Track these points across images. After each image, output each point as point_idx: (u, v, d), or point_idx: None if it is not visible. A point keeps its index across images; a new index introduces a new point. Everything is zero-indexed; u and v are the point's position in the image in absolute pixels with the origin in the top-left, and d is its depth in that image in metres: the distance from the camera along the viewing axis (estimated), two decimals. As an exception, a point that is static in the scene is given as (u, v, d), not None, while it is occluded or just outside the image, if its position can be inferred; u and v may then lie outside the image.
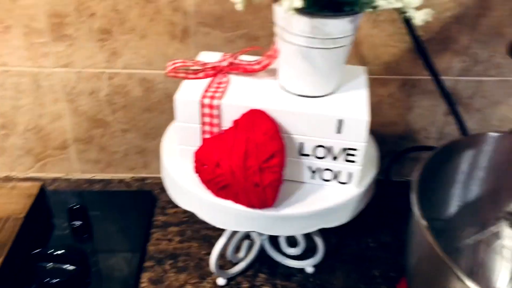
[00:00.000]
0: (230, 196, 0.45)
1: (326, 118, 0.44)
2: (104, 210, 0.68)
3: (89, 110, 0.69)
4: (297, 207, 0.46)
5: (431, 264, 0.37)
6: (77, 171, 0.75)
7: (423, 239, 0.38)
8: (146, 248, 0.64)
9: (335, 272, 0.62)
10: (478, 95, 0.70)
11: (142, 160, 0.74)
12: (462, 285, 0.33)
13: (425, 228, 0.37)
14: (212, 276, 0.61)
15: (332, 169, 0.47)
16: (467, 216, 0.49)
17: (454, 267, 0.34)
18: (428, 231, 0.36)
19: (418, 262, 0.41)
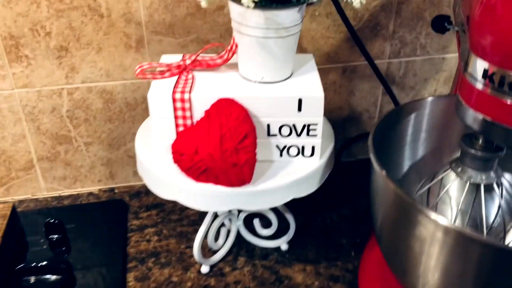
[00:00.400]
0: (210, 179, 0.49)
1: (288, 99, 0.50)
2: (79, 222, 0.70)
3: (51, 127, 0.71)
4: (271, 181, 0.51)
5: (396, 209, 0.44)
6: (44, 190, 0.76)
7: (386, 188, 0.44)
8: (126, 251, 0.67)
9: (307, 246, 0.67)
10: (410, 74, 0.79)
11: (108, 171, 0.77)
12: (427, 220, 0.39)
13: (386, 177, 0.43)
14: (195, 266, 0.64)
15: (297, 145, 0.53)
16: (417, 173, 0.56)
17: (417, 204, 0.40)
18: (389, 178, 0.43)
19: (384, 213, 0.47)
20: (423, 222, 0.40)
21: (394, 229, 0.47)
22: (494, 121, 0.40)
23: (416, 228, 0.41)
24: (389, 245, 0.48)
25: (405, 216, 0.42)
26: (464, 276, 0.40)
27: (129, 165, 0.77)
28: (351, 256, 0.66)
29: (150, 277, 0.63)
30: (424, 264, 0.43)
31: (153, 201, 0.75)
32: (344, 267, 0.64)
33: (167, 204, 0.75)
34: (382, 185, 0.44)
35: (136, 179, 0.78)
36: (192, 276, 0.63)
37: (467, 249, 0.38)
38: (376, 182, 0.46)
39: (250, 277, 0.63)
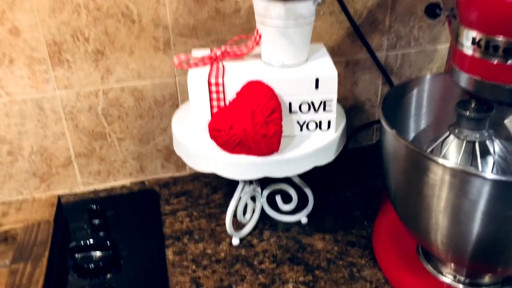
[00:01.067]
0: (244, 150, 0.57)
1: (306, 79, 0.58)
2: (117, 210, 0.77)
3: (88, 125, 0.79)
4: (296, 151, 0.59)
5: (407, 162, 0.51)
6: (80, 184, 0.84)
7: (397, 145, 0.52)
8: (162, 231, 0.74)
9: (324, 219, 0.75)
10: (406, 65, 0.88)
11: (139, 165, 0.84)
12: (435, 165, 0.47)
13: (396, 134, 0.51)
14: (226, 240, 0.72)
15: (315, 120, 0.61)
16: (420, 143, 0.64)
17: (425, 152, 0.48)
18: (399, 135, 0.51)
19: (396, 169, 0.55)
20: (432, 168, 0.48)
21: (406, 180, 0.54)
22: (484, 80, 0.48)
23: (426, 174, 0.49)
24: (403, 197, 0.55)
25: (416, 166, 0.50)
26: (471, 214, 0.48)
27: (158, 158, 0.84)
28: (365, 225, 0.73)
29: (187, 251, 0.70)
30: (435, 208, 0.50)
31: (181, 189, 0.83)
32: (359, 234, 0.72)
33: (193, 191, 0.82)
34: (393, 143, 0.52)
35: (163, 171, 0.86)
36: (225, 248, 0.70)
37: (472, 186, 0.46)
38: (387, 142, 0.54)
39: (276, 246, 0.70)
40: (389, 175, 0.57)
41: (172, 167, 0.86)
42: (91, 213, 0.74)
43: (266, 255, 0.68)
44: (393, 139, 0.52)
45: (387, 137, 0.54)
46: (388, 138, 0.54)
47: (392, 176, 0.56)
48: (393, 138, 0.52)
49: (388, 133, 0.53)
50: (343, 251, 0.69)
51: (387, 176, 0.58)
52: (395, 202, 0.58)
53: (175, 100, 0.80)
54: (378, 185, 0.82)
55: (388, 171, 0.57)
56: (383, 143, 0.56)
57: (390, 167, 0.56)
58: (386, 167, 0.57)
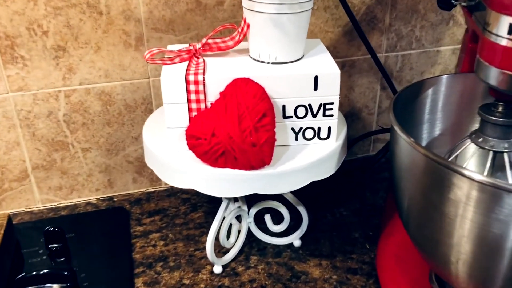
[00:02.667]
0: (228, 163, 0.48)
1: (303, 77, 0.49)
2: (79, 231, 0.67)
3: (47, 133, 0.68)
4: (291, 163, 0.49)
5: (426, 175, 0.42)
6: (39, 201, 0.73)
7: (414, 155, 0.43)
8: (132, 256, 0.63)
9: (319, 241, 0.65)
10: (407, 68, 0.79)
11: (106, 179, 0.74)
12: (462, 180, 0.38)
13: (414, 143, 0.42)
14: (206, 267, 0.61)
15: (313, 127, 0.52)
16: (436, 148, 0.55)
17: (450, 163, 0.39)
18: (417, 144, 0.42)
19: (412, 184, 0.45)
20: (456, 182, 0.39)
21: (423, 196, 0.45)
22: (521, 77, 0.39)
23: (449, 189, 0.40)
24: (418, 217, 0.46)
25: (436, 180, 0.41)
26: (502, 239, 0.39)
27: (128, 171, 0.74)
28: (366, 248, 0.64)
29: (160, 281, 0.59)
30: (458, 230, 0.41)
31: (155, 207, 0.73)
32: (360, 259, 0.62)
33: (169, 209, 0.72)
34: (408, 153, 0.43)
35: (135, 187, 0.76)
36: (205, 277, 0.60)
37: (505, 204, 0.37)
38: (401, 151, 0.45)
39: (265, 275, 0.60)
40: (401, 191, 0.48)
41: (145, 182, 0.75)
42: (48, 236, 0.63)
43: (253, 286, 0.58)
44: (409, 148, 0.43)
45: (401, 146, 0.44)
46: (402, 147, 0.44)
47: (406, 191, 0.47)
48: (408, 147, 0.43)
49: (402, 141, 0.44)
50: (343, 280, 0.59)
51: (398, 191, 0.48)
52: (408, 222, 0.49)
53: (149, 104, 0.70)
54: (378, 201, 0.73)
55: (400, 186, 0.48)
56: (395, 153, 0.47)
57: (403, 182, 0.47)
58: (398, 181, 0.48)
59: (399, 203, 0.50)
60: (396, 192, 0.49)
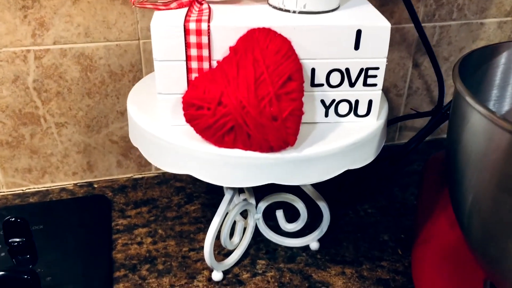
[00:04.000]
0: (239, 141, 0.35)
1: (342, 30, 0.36)
2: (48, 223, 0.55)
3: (13, 102, 0.56)
4: (320, 146, 0.37)
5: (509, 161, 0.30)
6: (3, 185, 0.60)
7: (493, 132, 0.31)
8: (111, 256, 0.51)
9: (341, 244, 0.54)
10: (444, 42, 0.67)
11: (85, 161, 0.62)
12: None
13: (495, 116, 0.30)
14: (202, 273, 0.50)
15: (350, 99, 0.39)
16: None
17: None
18: (504, 118, 0.30)
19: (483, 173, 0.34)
20: None
21: (503, 188, 0.33)
22: None
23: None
24: (488, 215, 0.34)
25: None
26: None
27: (112, 153, 0.62)
28: (398, 255, 0.52)
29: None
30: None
31: (143, 196, 0.60)
32: (392, 268, 0.51)
33: (160, 199, 0.60)
34: (486, 131, 0.31)
35: (120, 171, 0.63)
36: (201, 285, 0.48)
37: None
38: (472, 130, 0.33)
39: (275, 284, 0.48)
40: (466, 181, 0.36)
41: (132, 166, 0.63)
42: (9, 228, 0.50)
43: (261, 298, 0.47)
44: (487, 124, 0.31)
45: (474, 123, 0.32)
46: (475, 124, 0.32)
47: (474, 181, 0.35)
48: (486, 124, 0.31)
49: (475, 117, 0.32)
50: (372, 293, 0.48)
51: (461, 182, 0.37)
52: (470, 220, 0.37)
53: (138, 72, 0.58)
54: (409, 198, 0.61)
55: (466, 175, 0.36)
56: (461, 133, 0.35)
57: (471, 170, 0.35)
58: (463, 169, 0.36)
59: (459, 198, 0.38)
60: (456, 184, 0.38)
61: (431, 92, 0.70)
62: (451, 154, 0.38)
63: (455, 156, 0.37)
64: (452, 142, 0.37)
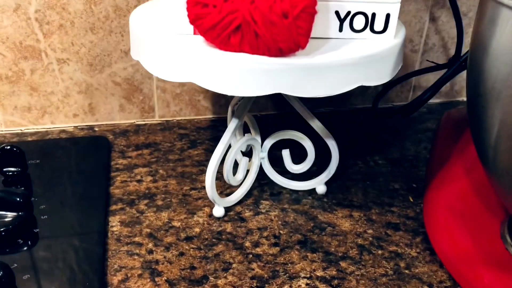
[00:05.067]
0: (245, 42, 0.33)
1: None
2: (45, 158, 0.52)
3: (13, 33, 0.54)
4: (333, 55, 0.35)
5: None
6: (1, 124, 0.58)
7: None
8: (108, 191, 0.49)
9: (349, 190, 0.51)
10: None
11: (87, 102, 0.59)
12: None
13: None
14: (203, 209, 0.47)
15: (366, 12, 0.37)
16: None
17: None
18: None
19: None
20: None
21: None
22: None
23: None
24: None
25: None
26: None
27: (114, 95, 0.60)
28: (410, 202, 0.50)
29: (142, 221, 0.45)
30: None
31: (145, 140, 0.58)
32: (403, 214, 0.48)
33: (162, 143, 0.58)
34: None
35: (122, 116, 0.61)
36: (201, 220, 0.46)
37: None
38: (502, 30, 0.30)
39: (279, 223, 0.46)
40: (492, 104, 0.33)
41: (135, 111, 0.61)
42: (4, 156, 0.48)
43: (264, 235, 0.44)
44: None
45: (503, 19, 0.30)
46: (504, 19, 0.30)
47: (502, 100, 0.32)
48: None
49: (505, 12, 0.29)
50: (381, 236, 0.45)
51: (485, 108, 0.34)
52: (496, 150, 0.34)
53: (144, 6, 0.55)
54: (421, 152, 0.59)
55: (492, 97, 0.33)
56: (488, 36, 0.32)
57: (499, 84, 0.32)
58: (489, 90, 0.33)
59: (483, 127, 0.35)
60: (481, 112, 0.35)
61: (447, 50, 0.68)
62: (473, 78, 0.35)
63: (479, 76, 0.34)
64: (475, 61, 0.34)
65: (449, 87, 0.71)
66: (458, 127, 0.55)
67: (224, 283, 0.39)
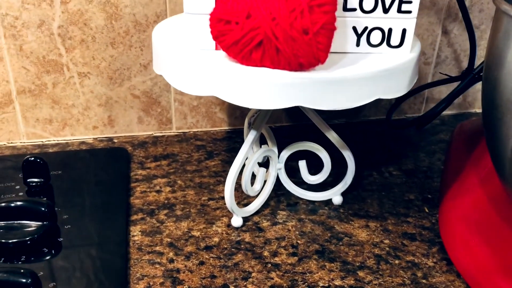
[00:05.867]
0: (267, 58, 0.34)
1: (377, -50, 0.35)
2: (67, 169, 0.54)
3: (37, 48, 0.56)
4: (351, 69, 0.36)
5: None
6: (23, 135, 0.60)
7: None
8: (129, 202, 0.50)
9: (365, 201, 0.52)
10: (476, 9, 0.65)
11: (106, 115, 0.61)
12: None
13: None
14: (222, 219, 0.48)
15: (383, 27, 0.38)
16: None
17: None
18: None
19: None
20: None
21: None
22: None
23: None
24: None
25: None
26: None
27: (133, 108, 0.61)
28: (425, 212, 0.50)
29: (163, 231, 0.46)
30: None
31: (163, 152, 0.59)
32: (418, 224, 0.49)
33: (180, 155, 0.59)
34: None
35: (140, 128, 0.63)
36: (220, 230, 0.47)
37: None
38: None
39: (296, 233, 0.47)
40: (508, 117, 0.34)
41: (153, 123, 0.63)
42: (28, 168, 0.50)
43: (282, 245, 0.45)
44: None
45: None
46: None
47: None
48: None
49: None
50: (397, 246, 0.46)
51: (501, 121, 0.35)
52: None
53: (163, 21, 0.57)
54: (435, 163, 0.59)
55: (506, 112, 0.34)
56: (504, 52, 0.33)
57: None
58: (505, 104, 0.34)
59: (499, 138, 0.36)
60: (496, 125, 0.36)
61: (460, 62, 0.69)
62: (489, 90, 0.36)
63: (495, 88, 0.35)
64: (491, 74, 0.35)
65: (461, 98, 0.71)
66: (471, 138, 0.56)
67: (244, 292, 0.40)
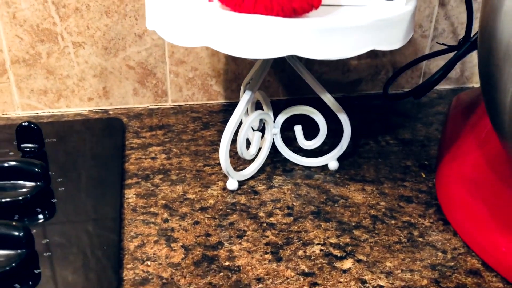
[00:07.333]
0: (260, 4, 0.34)
1: None
2: (61, 137, 0.53)
3: (31, 16, 0.55)
4: (345, 18, 0.35)
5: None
6: (18, 106, 0.59)
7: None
8: (123, 167, 0.50)
9: (361, 167, 0.51)
10: (472, -20, 0.65)
11: (101, 86, 0.61)
12: None
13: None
14: (217, 183, 0.48)
15: (377, -23, 0.38)
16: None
17: None
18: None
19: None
20: None
21: None
22: None
23: None
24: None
25: None
26: None
27: (128, 79, 0.61)
28: (422, 177, 0.50)
29: (157, 193, 0.46)
30: None
31: (158, 122, 0.59)
32: (415, 188, 0.48)
33: (176, 125, 0.58)
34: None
35: (136, 100, 0.62)
36: (215, 193, 0.46)
37: None
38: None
39: (292, 196, 0.46)
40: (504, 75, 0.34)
41: (148, 95, 0.62)
42: (22, 133, 0.49)
43: (277, 206, 0.45)
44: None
45: None
46: None
47: None
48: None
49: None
50: (394, 207, 0.45)
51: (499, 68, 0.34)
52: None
53: (158, -12, 0.56)
54: (433, 133, 0.59)
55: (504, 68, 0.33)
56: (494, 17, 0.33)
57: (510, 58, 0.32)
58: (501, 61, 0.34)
59: (496, 87, 0.36)
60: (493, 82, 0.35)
61: (457, 35, 0.68)
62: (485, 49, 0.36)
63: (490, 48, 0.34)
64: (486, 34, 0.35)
65: (459, 73, 0.71)
66: (469, 107, 0.56)
67: (239, 249, 0.40)
